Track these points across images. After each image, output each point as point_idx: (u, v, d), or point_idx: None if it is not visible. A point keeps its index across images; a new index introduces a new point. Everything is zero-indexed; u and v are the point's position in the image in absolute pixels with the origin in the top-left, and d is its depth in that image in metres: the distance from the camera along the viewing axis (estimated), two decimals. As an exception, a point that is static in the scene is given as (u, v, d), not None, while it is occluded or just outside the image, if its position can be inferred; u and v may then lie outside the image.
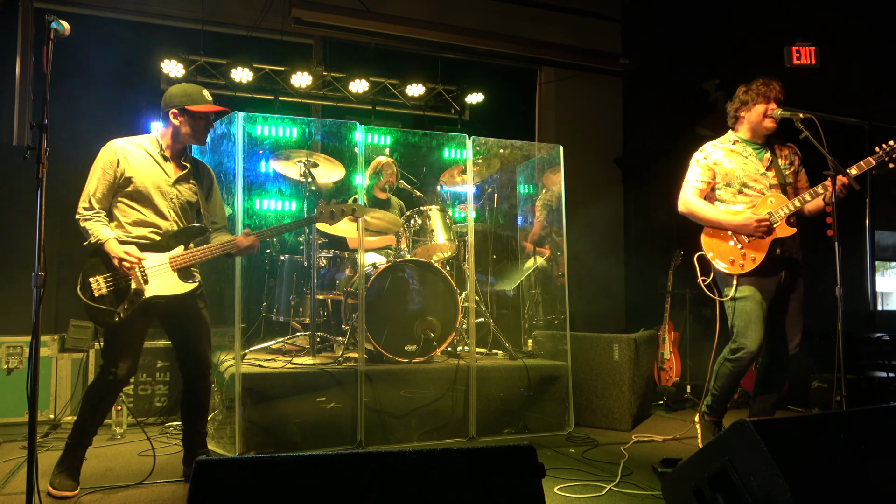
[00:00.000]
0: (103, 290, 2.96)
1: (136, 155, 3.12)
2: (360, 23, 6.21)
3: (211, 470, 1.63)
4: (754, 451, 2.19)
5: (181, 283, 3.11)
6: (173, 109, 3.14)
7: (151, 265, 3.03)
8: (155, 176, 3.13)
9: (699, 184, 3.82)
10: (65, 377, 4.67)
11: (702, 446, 3.83)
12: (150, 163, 3.14)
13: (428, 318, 4.40)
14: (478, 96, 6.85)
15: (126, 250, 2.94)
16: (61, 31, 2.41)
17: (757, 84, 3.73)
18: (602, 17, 7.52)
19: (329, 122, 4.90)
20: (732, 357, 3.70)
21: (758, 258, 3.67)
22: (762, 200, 3.72)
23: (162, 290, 3.05)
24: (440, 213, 4.82)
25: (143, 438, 4.11)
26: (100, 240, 2.96)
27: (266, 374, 3.89)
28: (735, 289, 3.69)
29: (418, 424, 4.11)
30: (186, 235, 3.16)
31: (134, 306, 2.98)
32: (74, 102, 5.54)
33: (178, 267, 3.09)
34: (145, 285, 3.00)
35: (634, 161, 7.70)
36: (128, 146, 3.12)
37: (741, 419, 2.26)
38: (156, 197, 3.11)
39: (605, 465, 3.60)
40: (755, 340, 3.61)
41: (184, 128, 3.15)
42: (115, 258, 2.93)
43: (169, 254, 3.09)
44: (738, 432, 2.25)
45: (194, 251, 3.13)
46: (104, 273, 2.98)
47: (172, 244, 3.11)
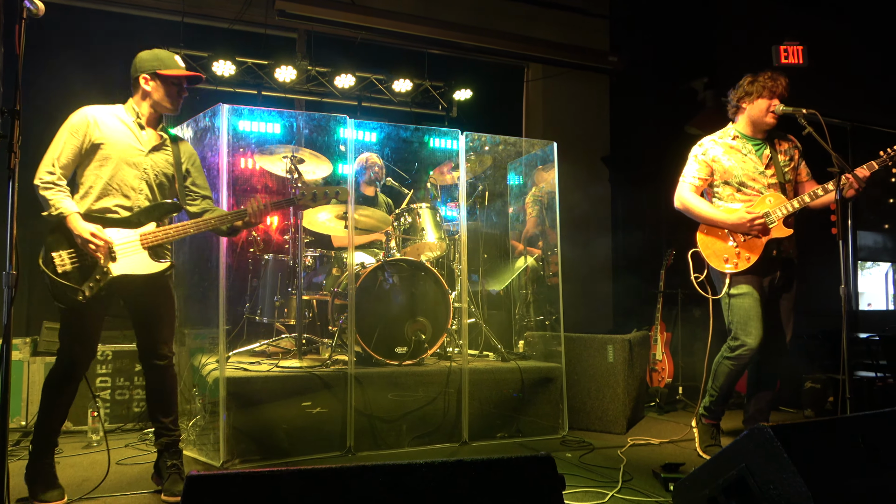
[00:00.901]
0: (67, 266, 2.75)
1: (107, 121, 2.92)
2: (345, 16, 6.04)
3: (204, 486, 1.48)
4: (774, 458, 2.09)
5: (152, 263, 2.91)
6: (144, 74, 2.96)
7: (120, 242, 2.83)
8: (127, 144, 2.93)
9: (696, 180, 3.76)
10: (37, 382, 4.46)
11: (700, 450, 3.79)
12: (123, 130, 2.94)
13: (419, 319, 4.27)
14: (466, 93, 6.74)
15: (92, 231, 2.74)
16: (34, 11, 2.24)
17: (764, 77, 3.65)
18: (590, 15, 7.44)
19: (318, 115, 4.75)
20: (732, 355, 3.64)
21: (752, 258, 3.61)
22: (760, 200, 3.66)
23: (131, 269, 2.85)
24: (430, 210, 4.69)
25: (122, 446, 3.94)
26: (62, 213, 2.75)
27: (251, 377, 3.72)
28: (730, 286, 3.63)
29: (409, 429, 3.97)
30: (159, 211, 2.96)
31: (100, 284, 2.77)
32: (49, 96, 5.31)
33: (150, 245, 2.89)
34: (112, 263, 2.80)
35: (622, 159, 7.64)
36: (99, 112, 2.93)
37: (759, 425, 2.16)
38: (126, 166, 2.91)
39: (603, 469, 3.49)
40: (756, 337, 3.56)
41: (156, 93, 2.97)
42: (79, 238, 2.73)
43: (140, 230, 2.88)
44: (756, 438, 2.15)
45: (167, 229, 2.93)
46: (68, 248, 2.77)
47: (144, 220, 2.91)
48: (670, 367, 5.36)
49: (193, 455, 3.66)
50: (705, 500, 2.30)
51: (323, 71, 6.27)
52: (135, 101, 3.02)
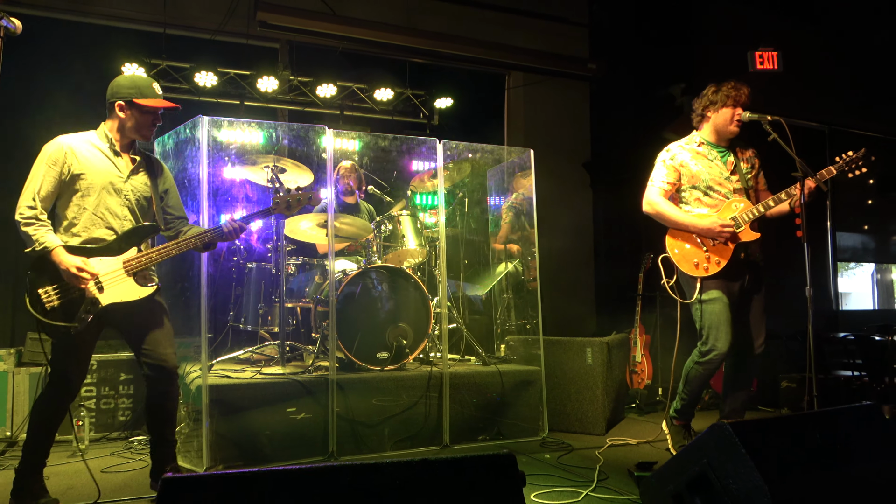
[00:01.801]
0: (54, 301, 2.74)
1: (84, 150, 2.92)
2: (326, 26, 6.12)
3: (178, 487, 1.55)
4: (732, 453, 2.18)
5: (138, 288, 2.92)
6: (119, 101, 2.95)
7: (105, 271, 2.83)
8: (106, 172, 2.93)
9: (664, 184, 3.84)
10: (22, 392, 4.48)
11: (673, 449, 3.87)
12: (100, 158, 2.94)
13: (400, 325, 4.34)
14: (447, 101, 6.83)
15: (78, 265, 2.73)
16: (12, 30, 2.30)
17: (727, 87, 3.76)
18: (570, 22, 7.55)
19: (297, 126, 4.80)
20: (703, 360, 3.73)
21: (722, 262, 3.70)
22: (727, 205, 3.75)
23: (119, 297, 2.85)
24: (411, 218, 4.77)
25: (107, 454, 3.98)
26: (46, 247, 2.73)
27: (234, 384, 3.78)
28: (699, 291, 3.72)
29: (391, 433, 4.04)
30: (138, 235, 2.95)
31: (90, 316, 2.77)
32: (27, 108, 5.35)
33: (134, 271, 2.90)
34: (100, 294, 2.80)
35: (602, 165, 7.75)
36: (74, 141, 2.92)
37: (719, 421, 2.25)
38: (108, 194, 2.92)
39: (580, 470, 3.57)
40: (725, 342, 3.65)
41: (129, 121, 2.96)
42: (66, 272, 2.72)
43: (122, 257, 2.89)
44: (716, 435, 2.24)
45: (149, 253, 2.93)
46: (52, 283, 2.75)
47: (125, 246, 2.91)
48: (650, 369, 5.45)
49: (178, 462, 3.70)
50: (670, 495, 2.38)
51: (305, 81, 6.34)
52: (107, 126, 3.01)
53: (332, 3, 6.25)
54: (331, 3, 6.24)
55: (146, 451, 4.06)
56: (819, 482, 2.23)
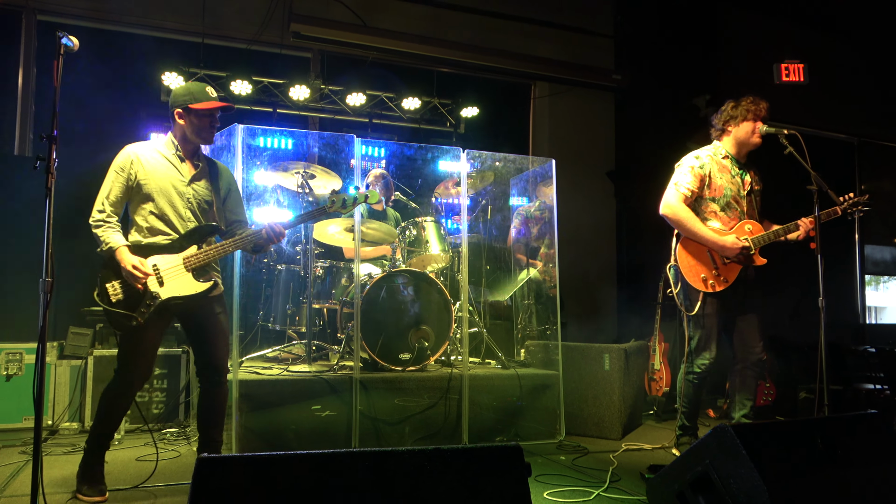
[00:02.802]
0: (119, 295, 2.98)
1: (150, 158, 3.14)
2: (357, 37, 6.33)
3: (213, 467, 1.71)
4: (734, 455, 2.28)
5: (196, 283, 3.11)
6: (178, 109, 3.15)
7: (166, 267, 3.05)
8: (170, 177, 3.15)
9: (687, 190, 3.83)
10: (63, 384, 4.72)
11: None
12: (164, 164, 3.16)
13: (422, 328, 4.48)
14: (473, 110, 6.97)
15: (134, 264, 2.95)
16: (70, 47, 2.51)
17: (746, 101, 3.83)
18: (595, 34, 7.66)
19: (327, 134, 5.00)
20: (693, 370, 3.89)
21: (730, 279, 3.80)
22: (739, 226, 3.83)
23: (178, 291, 3.06)
24: (435, 224, 4.91)
25: (141, 444, 4.18)
26: (111, 247, 2.98)
27: (263, 381, 3.96)
28: (701, 305, 3.80)
29: (412, 432, 4.18)
30: (199, 234, 3.15)
31: (151, 309, 2.99)
32: (74, 114, 5.62)
33: (193, 267, 3.09)
34: (161, 288, 3.02)
35: (626, 175, 7.82)
36: (141, 149, 3.15)
37: (721, 424, 2.35)
38: (173, 198, 3.13)
39: (594, 471, 3.68)
40: (714, 353, 3.83)
41: (188, 127, 3.16)
42: (124, 269, 2.95)
43: (182, 254, 3.09)
44: (719, 437, 2.34)
45: (207, 250, 3.12)
46: (119, 279, 3.00)
47: (185, 244, 3.11)
48: (668, 377, 5.52)
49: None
50: (674, 495, 2.48)
51: (335, 89, 6.54)
52: (173, 133, 3.23)
53: (363, 14, 6.44)
54: (362, 14, 6.44)
55: (179, 442, 4.27)
56: (818, 485, 2.32)
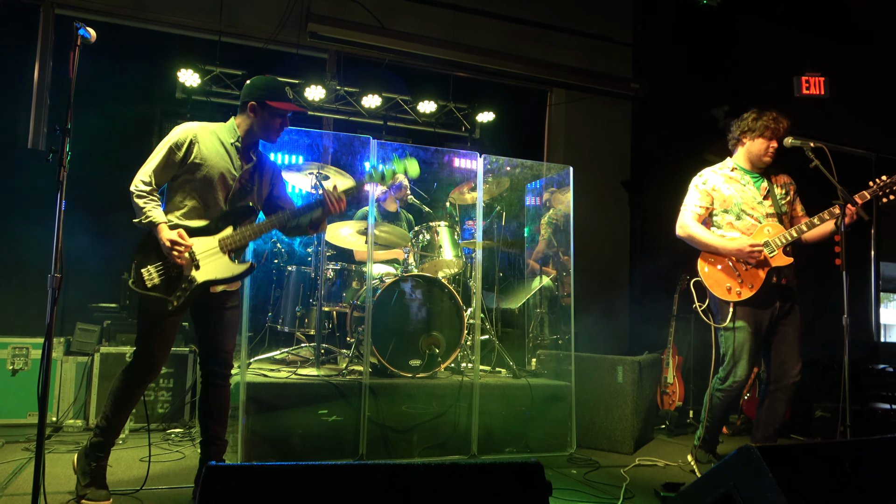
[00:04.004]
0: (155, 279, 2.86)
1: (208, 141, 2.98)
2: (374, 39, 6.29)
3: (221, 476, 1.64)
4: (759, 478, 2.19)
5: (233, 266, 2.99)
6: (252, 102, 3.01)
7: (201, 250, 2.92)
8: (223, 166, 3.00)
9: (698, 208, 3.87)
10: (69, 380, 4.68)
11: (697, 469, 3.86)
12: (220, 152, 3.01)
13: (433, 334, 4.41)
14: (488, 115, 6.91)
15: (173, 238, 2.80)
16: (88, 39, 2.45)
17: (768, 117, 3.76)
18: (614, 42, 7.59)
19: (342, 135, 4.94)
20: (722, 386, 3.77)
21: (755, 286, 3.70)
22: (759, 229, 3.75)
23: (214, 275, 2.94)
24: (448, 229, 4.85)
25: (145, 444, 4.10)
26: (152, 221, 2.83)
27: (270, 383, 3.90)
28: (731, 317, 3.72)
29: (420, 440, 4.11)
30: (235, 215, 3.02)
31: (187, 293, 2.88)
32: (90, 108, 5.60)
33: (230, 248, 2.97)
34: (196, 271, 2.90)
35: (641, 184, 7.74)
36: (201, 131, 2.99)
37: (746, 444, 2.27)
38: (218, 186, 2.99)
39: (606, 487, 3.59)
40: (745, 371, 3.70)
41: (258, 122, 3.03)
42: (163, 245, 2.81)
43: (218, 236, 2.97)
44: (744, 458, 2.25)
45: (244, 230, 3.00)
46: (155, 263, 2.87)
47: (221, 226, 2.98)
48: (681, 391, 5.42)
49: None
50: (695, 516, 2.40)
51: (351, 91, 6.50)
52: (238, 121, 3.07)
53: (381, 16, 6.40)
54: (379, 16, 6.40)
55: (183, 443, 4.21)
56: (846, 512, 2.23)
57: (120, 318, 4.95)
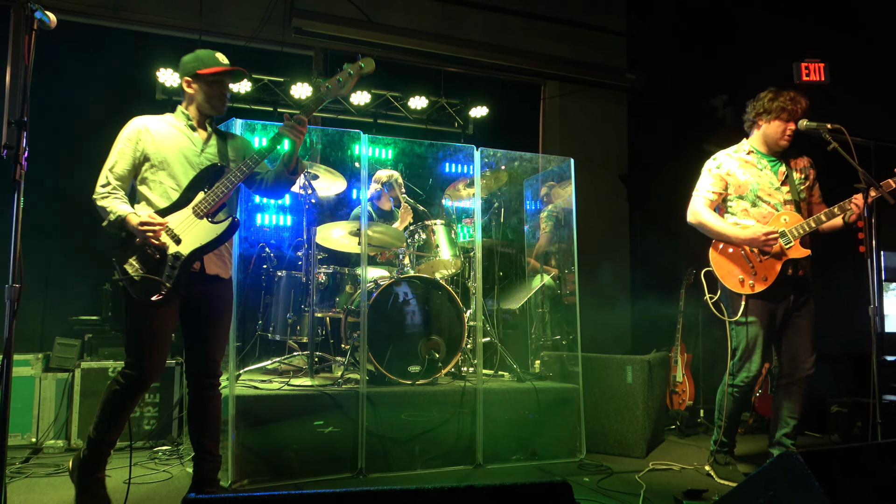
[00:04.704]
0: (140, 270, 2.72)
1: (159, 128, 2.92)
2: (361, 33, 6.05)
3: (200, 510, 1.41)
4: (803, 486, 1.98)
5: (213, 226, 2.85)
6: (186, 77, 2.97)
7: (177, 223, 2.79)
8: (182, 147, 2.92)
9: (710, 194, 3.67)
10: (48, 398, 4.42)
11: (719, 480, 3.65)
12: (175, 134, 2.94)
13: (432, 338, 4.20)
14: (482, 110, 6.69)
15: (143, 219, 2.70)
16: (47, 23, 2.21)
17: (785, 97, 3.57)
18: (608, 32, 7.39)
19: (332, 130, 4.72)
20: (735, 382, 3.60)
21: (769, 278, 3.51)
22: (775, 218, 3.56)
23: (198, 242, 2.80)
24: (445, 227, 4.63)
25: (130, 465, 3.86)
26: (119, 215, 2.72)
27: (262, 395, 3.66)
28: (742, 311, 3.53)
29: (422, 450, 3.88)
30: (201, 180, 2.89)
31: (176, 270, 2.73)
32: (68, 110, 5.36)
33: (204, 212, 2.83)
34: (179, 246, 2.76)
35: (640, 178, 7.54)
36: (150, 121, 2.95)
37: (788, 451, 2.06)
38: (183, 167, 2.90)
39: (623, 495, 3.37)
40: (758, 365, 3.53)
41: (198, 95, 2.96)
42: (136, 230, 2.70)
43: (190, 205, 2.84)
44: (785, 465, 2.04)
45: (214, 188, 2.85)
46: (135, 255, 2.74)
47: (191, 195, 2.86)
48: (691, 390, 5.22)
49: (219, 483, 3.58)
50: (731, 529, 2.19)
51: (339, 88, 6.26)
52: (183, 106, 3.02)
53: (368, 10, 6.18)
54: (366, 10, 6.17)
55: (171, 462, 3.97)
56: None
57: (102, 330, 4.68)
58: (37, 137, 5.15)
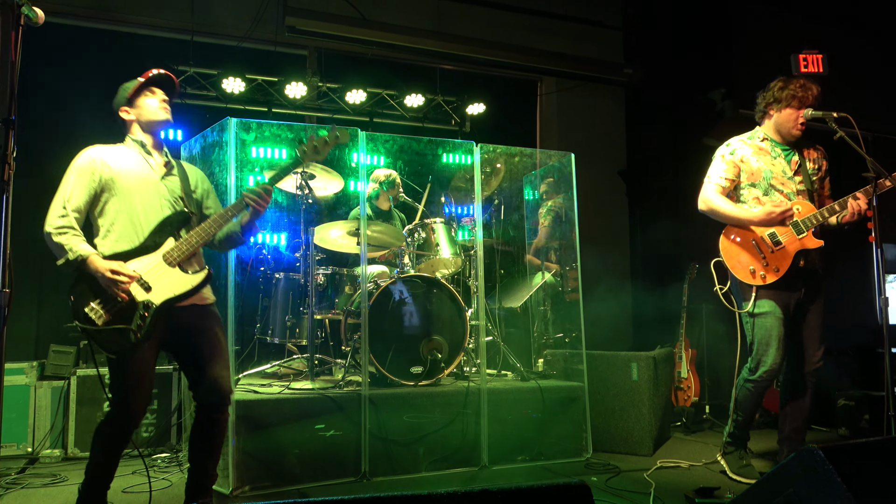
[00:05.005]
0: (104, 315, 2.55)
1: (114, 155, 2.78)
2: (356, 31, 5.98)
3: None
4: (825, 483, 1.91)
5: (187, 277, 2.72)
6: (122, 108, 2.86)
7: (146, 269, 2.64)
8: (141, 173, 2.78)
9: (722, 181, 3.58)
10: (44, 406, 4.35)
11: (732, 473, 3.59)
12: (134, 160, 2.81)
13: (434, 338, 4.13)
14: (478, 107, 6.62)
15: (112, 268, 2.53)
16: (34, 19, 2.14)
17: (795, 85, 3.51)
18: (605, 26, 7.33)
19: (329, 128, 4.62)
20: (753, 377, 3.51)
21: (781, 269, 3.44)
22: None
23: (171, 292, 2.66)
24: (445, 225, 4.56)
25: (129, 473, 3.79)
26: (80, 255, 2.54)
27: (262, 400, 3.59)
28: (754, 303, 3.46)
29: (427, 452, 3.81)
30: (171, 225, 2.75)
31: (147, 321, 2.58)
32: (58, 114, 5.27)
33: (176, 261, 2.70)
34: (149, 294, 2.61)
35: (639, 173, 7.48)
36: (104, 150, 2.78)
37: (809, 446, 1.99)
38: (145, 196, 2.75)
39: (632, 494, 3.31)
40: (776, 358, 3.42)
41: (140, 116, 2.84)
42: (101, 278, 2.53)
43: (160, 251, 2.69)
44: (805, 461, 1.97)
45: (188, 237, 2.73)
46: (97, 298, 2.56)
47: (159, 241, 2.71)
48: (696, 386, 5.16)
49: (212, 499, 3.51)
50: (749, 528, 2.12)
51: (334, 87, 6.19)
52: (131, 136, 2.88)
53: (362, 7, 6.10)
54: (361, 7, 6.10)
55: (170, 470, 3.89)
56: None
57: (97, 337, 4.60)
58: (25, 139, 5.09)
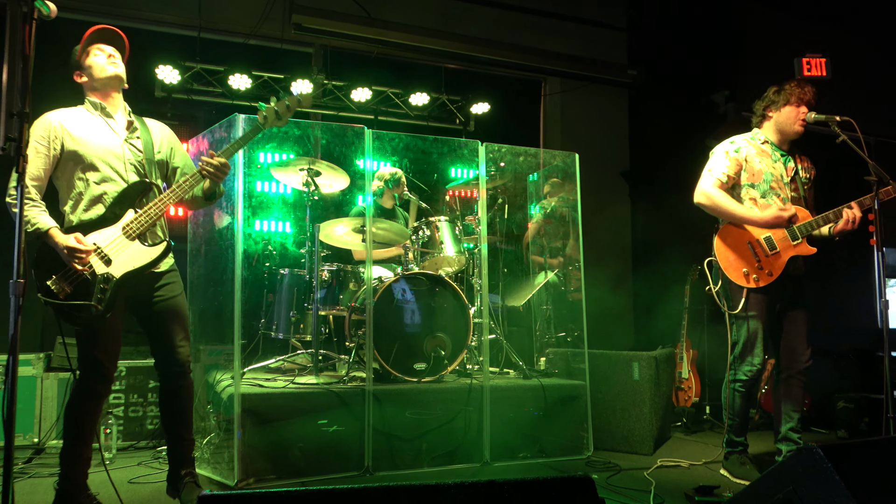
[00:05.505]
0: (67, 289, 2.58)
1: (76, 120, 2.78)
2: (362, 30, 6.02)
3: (216, 509, 1.37)
4: (824, 481, 1.94)
5: (147, 250, 2.75)
6: (74, 73, 2.87)
7: (107, 242, 2.66)
8: (103, 136, 2.78)
9: (723, 176, 3.58)
10: (50, 398, 4.38)
11: (734, 480, 3.61)
12: (94, 123, 2.81)
13: (438, 335, 4.16)
14: (483, 106, 6.65)
15: (69, 244, 2.54)
16: (46, 13, 2.17)
17: (790, 85, 3.56)
18: (609, 28, 7.35)
19: (335, 125, 4.66)
20: (738, 377, 3.58)
21: (774, 273, 3.48)
22: None
23: (130, 265, 2.68)
24: (449, 224, 4.59)
25: (134, 464, 3.83)
26: (39, 228, 2.56)
27: (267, 394, 3.62)
28: (743, 305, 3.50)
29: (429, 448, 3.84)
30: (130, 196, 2.76)
31: (108, 293, 2.61)
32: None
33: (135, 234, 2.71)
34: (109, 267, 2.63)
35: (642, 174, 7.51)
36: (63, 115, 2.78)
37: (808, 444, 2.02)
38: (110, 159, 2.76)
39: (633, 492, 3.34)
40: (761, 357, 3.51)
41: (94, 75, 2.83)
42: (63, 250, 2.55)
43: (120, 224, 2.71)
44: (804, 459, 2.00)
45: (147, 210, 2.73)
46: (59, 270, 2.58)
47: (119, 212, 2.72)
48: (697, 386, 5.18)
49: (207, 474, 3.55)
50: (749, 525, 2.15)
51: (339, 85, 6.22)
52: (89, 99, 2.88)
53: (368, 6, 6.14)
54: (366, 6, 6.13)
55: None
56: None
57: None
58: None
